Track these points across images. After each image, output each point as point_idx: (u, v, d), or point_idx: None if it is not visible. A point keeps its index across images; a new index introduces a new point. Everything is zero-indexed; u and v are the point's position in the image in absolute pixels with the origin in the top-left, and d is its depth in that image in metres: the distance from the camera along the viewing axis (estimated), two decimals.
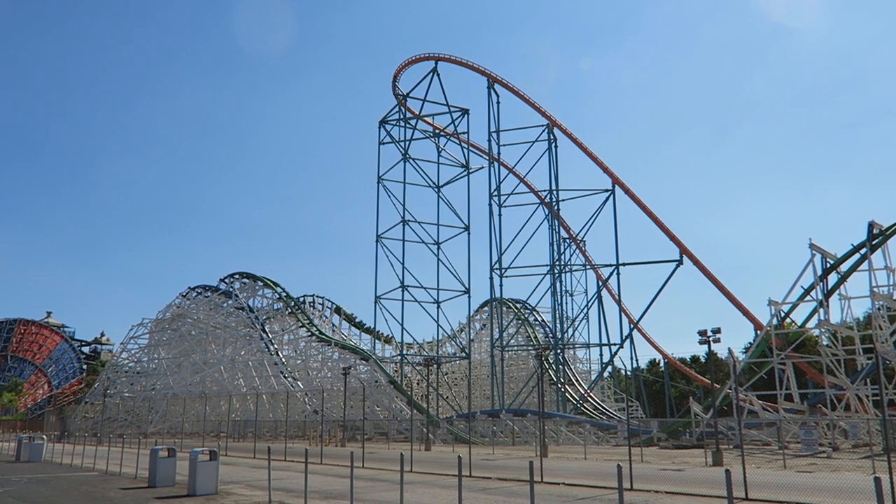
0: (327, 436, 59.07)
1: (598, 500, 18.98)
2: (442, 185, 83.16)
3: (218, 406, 79.48)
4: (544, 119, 76.87)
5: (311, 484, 19.33)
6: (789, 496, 18.51)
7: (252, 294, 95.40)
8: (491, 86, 77.87)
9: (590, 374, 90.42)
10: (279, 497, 19.39)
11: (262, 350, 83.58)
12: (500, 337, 77.67)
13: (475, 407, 77.87)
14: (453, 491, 14.90)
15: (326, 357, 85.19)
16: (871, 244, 48.12)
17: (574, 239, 79.95)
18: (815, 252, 49.29)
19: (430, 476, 26.67)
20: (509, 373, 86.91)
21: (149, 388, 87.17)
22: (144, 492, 21.50)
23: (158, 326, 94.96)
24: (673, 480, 23.98)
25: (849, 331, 48.98)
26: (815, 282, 49.20)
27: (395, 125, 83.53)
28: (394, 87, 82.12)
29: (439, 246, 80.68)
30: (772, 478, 24.67)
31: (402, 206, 79.05)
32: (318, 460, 34.78)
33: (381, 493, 20.89)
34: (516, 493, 20.50)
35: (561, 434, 57.90)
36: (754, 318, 61.53)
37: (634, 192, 71.52)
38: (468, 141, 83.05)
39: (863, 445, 40.49)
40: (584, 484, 22.77)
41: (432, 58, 79.18)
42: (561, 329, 78.23)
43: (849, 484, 19.94)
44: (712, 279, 66.40)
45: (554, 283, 76.19)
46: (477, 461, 31.50)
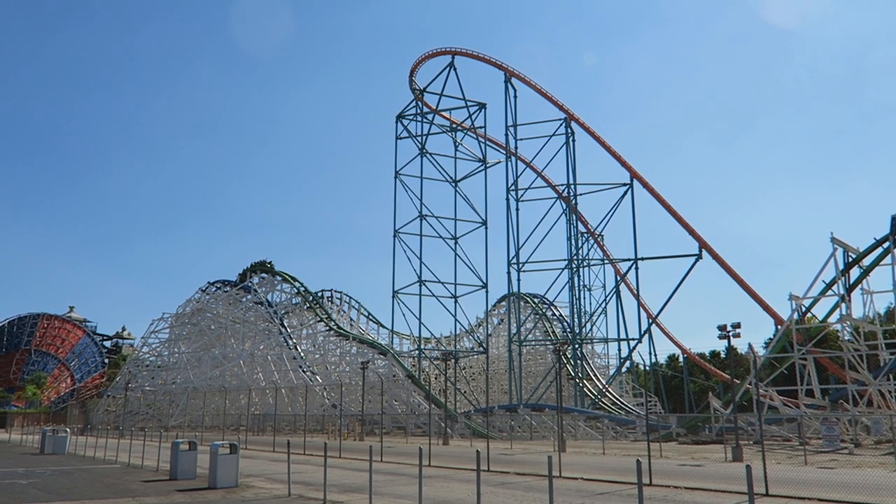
0: (346, 430, 59.36)
1: (616, 495, 18.92)
2: (459, 180, 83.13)
3: (237, 400, 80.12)
4: (562, 113, 76.59)
5: (330, 477, 19.44)
6: (810, 492, 18.34)
7: (271, 289, 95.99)
8: (508, 80, 77.63)
9: (608, 370, 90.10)
10: (299, 490, 19.53)
11: (281, 344, 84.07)
12: (518, 332, 77.57)
13: (493, 402, 77.88)
14: (472, 485, 14.94)
15: (345, 351, 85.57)
16: (894, 238, 47.47)
17: (592, 233, 79.63)
18: (837, 246, 48.71)
19: (449, 470, 26.73)
20: (527, 367, 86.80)
21: (169, 381, 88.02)
22: (166, 484, 21.73)
23: (178, 321, 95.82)
24: (692, 476, 23.85)
25: (871, 325, 48.40)
26: (836, 276, 48.63)
27: (412, 120, 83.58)
28: (410, 82, 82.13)
29: (456, 241, 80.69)
30: (792, 474, 24.47)
31: (419, 200, 79.21)
32: (336, 454, 34.92)
33: (400, 486, 20.97)
34: (534, 487, 20.50)
35: (579, 429, 57.80)
36: (775, 312, 61.01)
37: (653, 186, 71.15)
38: (485, 135, 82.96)
39: (885, 442, 40.02)
40: (602, 479, 22.71)
41: (449, 52, 79.06)
42: (579, 324, 78.00)
43: (871, 480, 19.75)
44: (732, 274, 65.89)
45: (572, 278, 75.97)
46: (495, 456, 31.51)
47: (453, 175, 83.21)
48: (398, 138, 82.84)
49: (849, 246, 49.76)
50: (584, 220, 79.71)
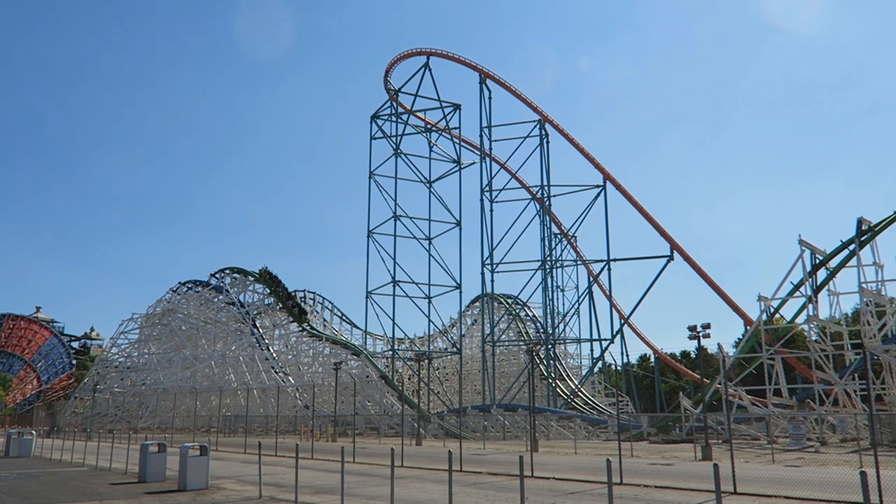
0: (318, 431, 59.04)
1: (587, 494, 19.06)
2: (433, 181, 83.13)
3: (208, 401, 79.31)
4: (536, 115, 76.97)
5: (302, 479, 19.33)
6: (777, 490, 18.65)
7: (243, 289, 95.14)
8: (483, 81, 77.82)
9: (581, 370, 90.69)
10: (270, 492, 19.40)
11: (253, 345, 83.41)
12: (492, 332, 77.79)
13: (466, 402, 78.01)
14: (445, 485, 14.96)
15: (318, 352, 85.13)
16: (859, 240, 48.42)
17: (565, 234, 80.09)
18: (805, 248, 49.55)
19: (422, 471, 26.72)
20: (500, 368, 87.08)
21: (139, 383, 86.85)
22: (135, 487, 21.45)
23: (148, 321, 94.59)
24: (662, 475, 24.12)
25: (837, 326, 49.30)
26: (804, 278, 49.48)
27: (387, 120, 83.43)
28: (385, 83, 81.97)
29: (431, 241, 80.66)
30: (760, 472, 24.85)
31: (393, 201, 79.04)
32: (308, 455, 34.75)
33: (373, 487, 20.92)
34: (507, 487, 20.58)
35: (552, 429, 58.10)
36: (744, 313, 61.88)
37: (626, 188, 71.79)
38: (460, 136, 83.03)
39: (851, 440, 40.82)
40: (574, 478, 22.87)
41: (424, 53, 79.05)
42: (552, 324, 78.43)
43: (836, 478, 20.11)
44: (703, 275, 66.72)
45: (545, 279, 76.35)
46: (468, 456, 31.57)
47: (428, 176, 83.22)
48: (373, 138, 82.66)
49: (816, 248, 50.64)
50: (558, 222, 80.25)
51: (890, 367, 44.17)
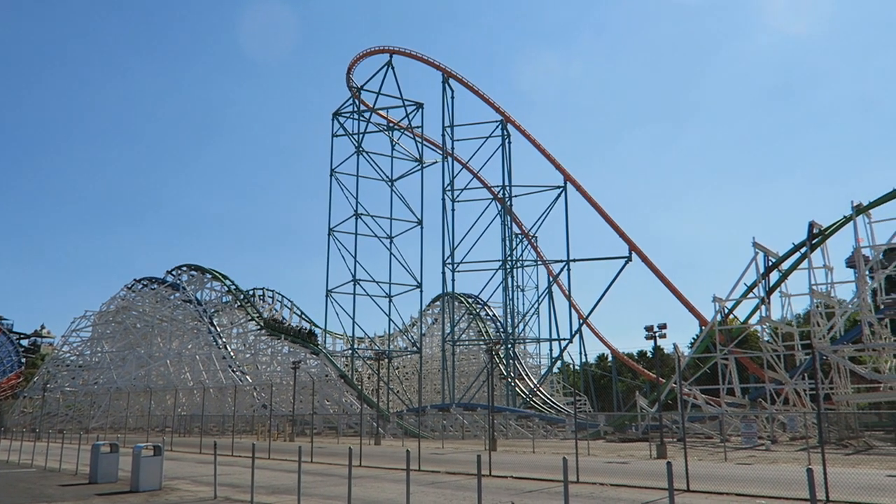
0: (276, 430, 58.47)
1: (545, 492, 19.22)
2: (395, 179, 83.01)
3: (163, 401, 77.96)
4: (498, 115, 77.36)
5: (259, 479, 19.11)
6: (729, 488, 19.03)
7: (200, 287, 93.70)
8: (446, 80, 77.91)
9: (539, 369, 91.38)
10: (225, 492, 19.14)
11: (210, 343, 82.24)
12: (452, 331, 77.93)
13: (426, 401, 78.01)
14: (403, 485, 14.94)
15: (276, 351, 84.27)
16: (811, 243, 49.65)
17: (526, 235, 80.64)
18: (759, 250, 50.65)
19: (380, 470, 26.65)
20: (460, 367, 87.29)
21: (91, 382, 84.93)
22: (85, 488, 20.97)
23: (102, 319, 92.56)
24: (618, 473, 24.43)
25: (788, 327, 50.50)
26: (757, 279, 50.58)
27: (349, 118, 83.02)
28: (348, 80, 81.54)
29: (392, 240, 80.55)
30: (713, 470, 25.33)
31: (354, 199, 78.73)
32: (265, 455, 34.39)
33: (330, 487, 20.79)
34: (465, 486, 20.63)
35: (510, 428, 58.44)
36: (699, 314, 63.07)
37: (586, 189, 72.63)
38: (422, 135, 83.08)
39: (800, 438, 41.85)
40: (531, 477, 23.04)
41: (387, 51, 78.85)
42: (512, 324, 78.91)
43: (785, 475, 20.62)
44: (660, 276, 67.83)
45: (505, 279, 76.80)
46: (426, 455, 31.58)
47: (389, 174, 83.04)
48: (334, 136, 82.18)
49: (769, 250, 51.80)
50: (519, 222, 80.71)
51: (838, 367, 45.42)
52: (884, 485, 18.84)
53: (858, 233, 45.89)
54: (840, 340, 47.29)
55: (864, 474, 21.47)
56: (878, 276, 46.79)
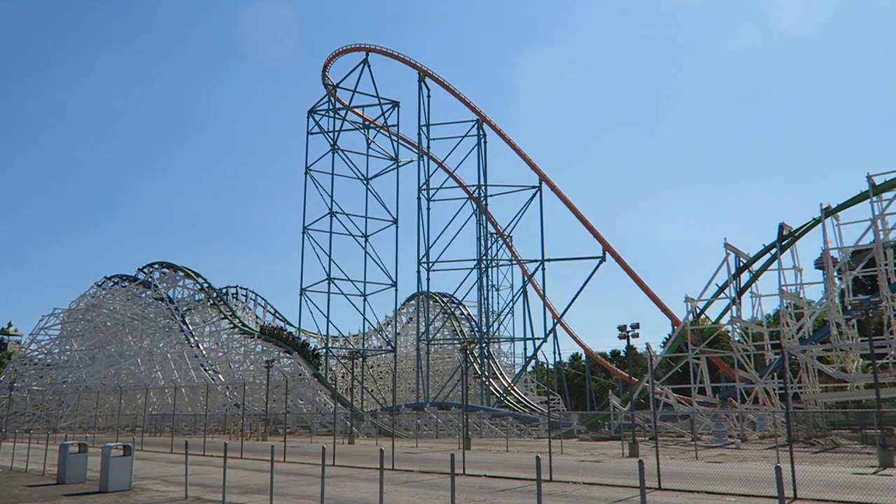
0: (248, 430, 58.02)
1: (518, 491, 19.30)
2: (371, 178, 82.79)
3: (134, 400, 76.94)
4: (474, 114, 77.45)
5: (231, 479, 18.95)
6: (700, 486, 19.26)
7: (172, 285, 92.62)
8: (422, 79, 77.82)
9: (514, 368, 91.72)
10: (196, 492, 18.95)
11: (182, 342, 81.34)
12: (427, 330, 77.90)
13: (400, 400, 77.93)
14: (376, 484, 14.90)
15: (249, 350, 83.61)
16: (780, 245, 50.40)
17: (501, 234, 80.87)
18: (730, 251, 51.32)
19: (353, 469, 26.57)
20: (435, 366, 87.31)
21: (60, 380, 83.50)
22: (53, 489, 20.63)
23: (71, 317, 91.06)
24: (591, 471, 24.61)
25: (759, 327, 51.23)
26: (728, 280, 51.25)
27: (325, 115, 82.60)
28: (323, 77, 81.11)
29: (367, 239, 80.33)
30: (684, 468, 25.62)
31: (329, 197, 78.37)
32: (238, 454, 34.14)
33: (303, 487, 20.68)
34: (438, 485, 20.64)
35: (484, 427, 58.58)
36: (672, 313, 63.72)
37: (561, 190, 72.98)
38: (398, 134, 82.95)
39: (769, 437, 42.48)
40: (505, 476, 23.12)
41: (363, 48, 78.57)
42: (486, 323, 79.08)
43: (754, 473, 20.93)
44: (633, 276, 68.37)
45: (480, 278, 76.97)
46: (400, 454, 31.54)
47: (365, 172, 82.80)
48: (309, 133, 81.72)
49: (740, 251, 52.50)
50: (494, 221, 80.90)
51: (806, 366, 46.17)
52: (850, 482, 19.20)
53: (827, 235, 46.73)
54: (809, 340, 48.07)
55: (831, 472, 21.85)
56: (846, 277, 47.65)
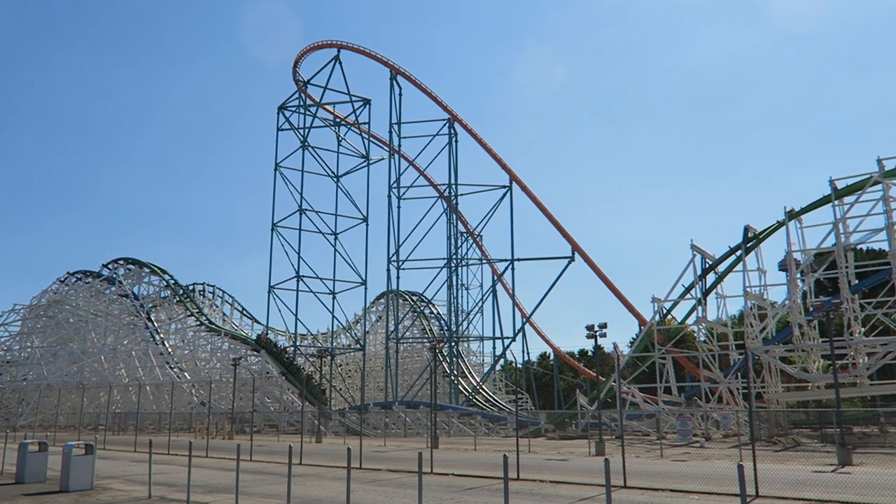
0: (214, 428, 57.42)
1: (485, 489, 19.36)
2: (341, 175, 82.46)
3: (97, 398, 75.67)
4: (445, 113, 77.48)
5: (196, 477, 18.73)
6: (664, 484, 19.51)
7: (138, 281, 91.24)
8: (394, 77, 77.63)
9: (483, 367, 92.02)
10: (160, 492, 18.70)
11: (147, 339, 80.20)
12: (396, 329, 77.79)
13: (368, 399, 77.69)
14: (343, 483, 14.84)
15: (216, 347, 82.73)
16: (745, 247, 51.23)
17: (471, 233, 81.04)
18: (696, 252, 52.04)
19: (321, 468, 26.44)
20: (404, 365, 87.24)
21: (20, 378, 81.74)
22: (11, 488, 20.21)
23: (32, 313, 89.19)
24: (558, 470, 24.78)
25: (723, 328, 52.03)
26: (694, 281, 51.96)
27: (295, 112, 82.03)
28: (294, 73, 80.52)
29: (336, 236, 79.98)
30: (649, 466, 25.93)
31: (299, 194, 77.88)
32: (203, 453, 33.78)
33: (269, 486, 20.52)
34: (406, 484, 20.62)
35: (453, 425, 58.68)
36: (639, 314, 64.41)
37: (531, 190, 73.33)
38: (369, 131, 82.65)
39: (732, 435, 43.19)
40: (472, 474, 23.18)
41: (335, 45, 78.17)
42: (456, 322, 79.20)
43: (717, 472, 21.26)
44: (601, 276, 69.00)
45: (450, 277, 77.03)
46: (368, 453, 31.46)
47: (335, 170, 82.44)
48: (279, 129, 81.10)
49: (706, 252, 53.26)
50: (464, 220, 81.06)
51: (769, 366, 47.01)
52: (810, 480, 19.59)
53: (790, 237, 47.61)
54: (771, 341, 48.94)
55: (792, 470, 22.29)
56: (809, 279, 48.60)
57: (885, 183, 42.42)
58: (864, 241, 50.91)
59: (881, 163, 42.99)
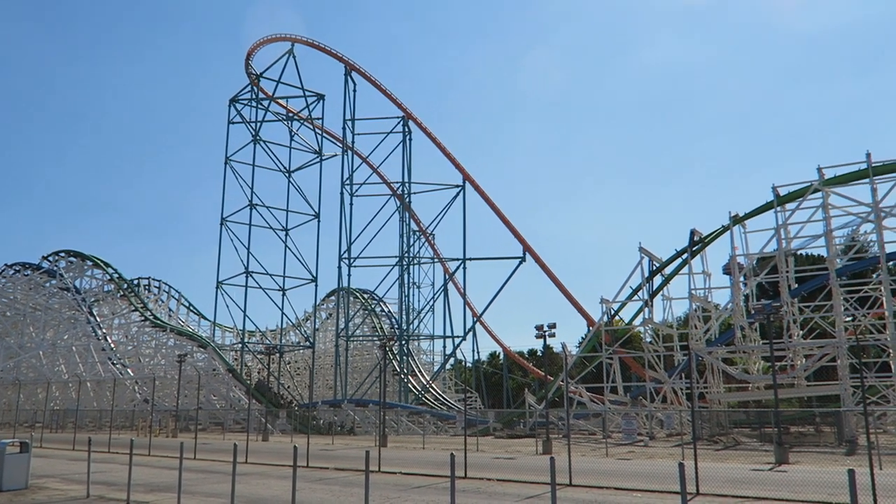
0: (158, 426, 56.21)
1: (433, 488, 19.39)
2: (293, 171, 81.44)
3: (34, 394, 73.37)
4: (400, 111, 77.26)
5: (137, 476, 18.30)
6: (609, 482, 19.83)
7: (80, 274, 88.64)
8: (348, 73, 77.08)
9: (433, 366, 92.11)
10: (99, 491, 18.22)
11: (89, 334, 78.00)
12: (346, 327, 77.33)
13: (317, 397, 77.05)
14: (289, 482, 14.68)
15: (161, 343, 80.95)
16: (691, 250, 52.44)
17: (423, 232, 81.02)
18: (644, 255, 53.04)
19: (266, 467, 26.13)
20: (353, 363, 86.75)
21: None
22: None
23: None
24: (505, 468, 24.96)
25: (669, 329, 53.17)
26: (642, 283, 52.96)
27: (247, 105, 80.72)
28: (247, 66, 79.27)
29: (287, 232, 79.03)
30: (594, 465, 26.32)
31: (250, 189, 76.66)
32: (145, 451, 33.07)
33: (213, 485, 20.18)
34: (353, 482, 20.51)
35: (402, 424, 58.59)
36: (588, 314, 65.32)
37: (484, 190, 73.66)
38: (322, 127, 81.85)
39: (675, 434, 44.15)
40: (420, 473, 23.18)
41: (289, 39, 77.23)
42: (407, 320, 79.08)
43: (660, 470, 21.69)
44: (552, 276, 69.76)
45: (402, 275, 76.88)
46: (316, 451, 31.21)
47: (287, 165, 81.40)
48: (230, 122, 79.68)
49: (653, 255, 54.34)
50: (417, 219, 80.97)
51: (712, 367, 48.21)
52: (748, 478, 20.17)
53: (734, 242, 48.90)
54: (715, 342, 50.19)
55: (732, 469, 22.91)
56: (751, 282, 50.00)
57: (825, 191, 43.87)
58: (804, 247, 52.65)
59: (821, 171, 44.43)
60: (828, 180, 44.47)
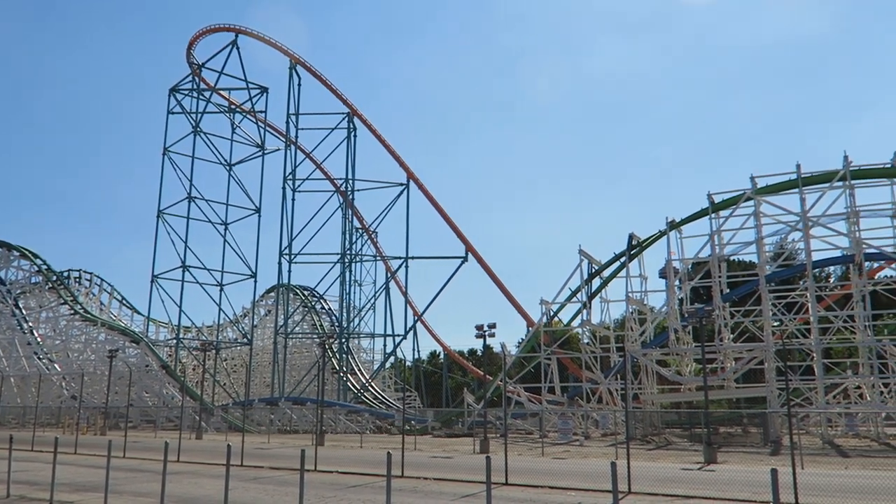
0: (86, 424, 54.41)
1: (369, 487, 19.30)
2: (234, 164, 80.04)
3: None
4: (345, 107, 76.70)
5: (62, 475, 17.68)
6: (544, 481, 20.08)
7: (5, 265, 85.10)
8: (293, 67, 76.12)
9: (373, 364, 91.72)
10: (21, 490, 17.53)
11: (13, 328, 75.03)
12: (285, 324, 76.35)
13: (254, 395, 75.80)
14: (222, 481, 14.40)
15: (91, 338, 78.36)
16: (629, 254, 53.57)
17: (366, 229, 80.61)
18: (583, 258, 53.93)
19: (199, 466, 25.59)
20: (292, 360, 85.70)
21: None
22: None
23: None
24: (442, 467, 25.03)
25: (606, 331, 54.21)
26: (581, 285, 53.84)
27: (187, 95, 78.91)
28: (188, 55, 77.47)
29: (227, 227, 77.61)
30: (531, 464, 26.63)
31: (188, 181, 74.98)
32: (72, 450, 31.96)
33: (142, 484, 19.65)
34: (289, 482, 20.27)
35: (340, 423, 58.16)
36: (527, 315, 66.10)
37: (428, 189, 73.79)
38: (265, 121, 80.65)
39: (610, 434, 45.03)
40: (356, 472, 23.06)
41: (233, 29, 75.79)
42: (347, 318, 78.56)
43: (595, 469, 22.09)
44: (493, 277, 70.36)
45: (343, 273, 76.36)
46: (251, 450, 30.70)
47: (228, 158, 79.91)
48: (170, 112, 77.71)
49: (593, 258, 55.30)
50: (360, 216, 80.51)
51: (647, 369, 49.34)
52: (678, 477, 20.72)
53: (671, 246, 50.16)
54: (649, 344, 51.38)
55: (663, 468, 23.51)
56: (686, 286, 51.41)
57: (757, 199, 45.39)
58: (736, 253, 54.47)
59: (754, 180, 45.93)
60: (760, 189, 46.01)
